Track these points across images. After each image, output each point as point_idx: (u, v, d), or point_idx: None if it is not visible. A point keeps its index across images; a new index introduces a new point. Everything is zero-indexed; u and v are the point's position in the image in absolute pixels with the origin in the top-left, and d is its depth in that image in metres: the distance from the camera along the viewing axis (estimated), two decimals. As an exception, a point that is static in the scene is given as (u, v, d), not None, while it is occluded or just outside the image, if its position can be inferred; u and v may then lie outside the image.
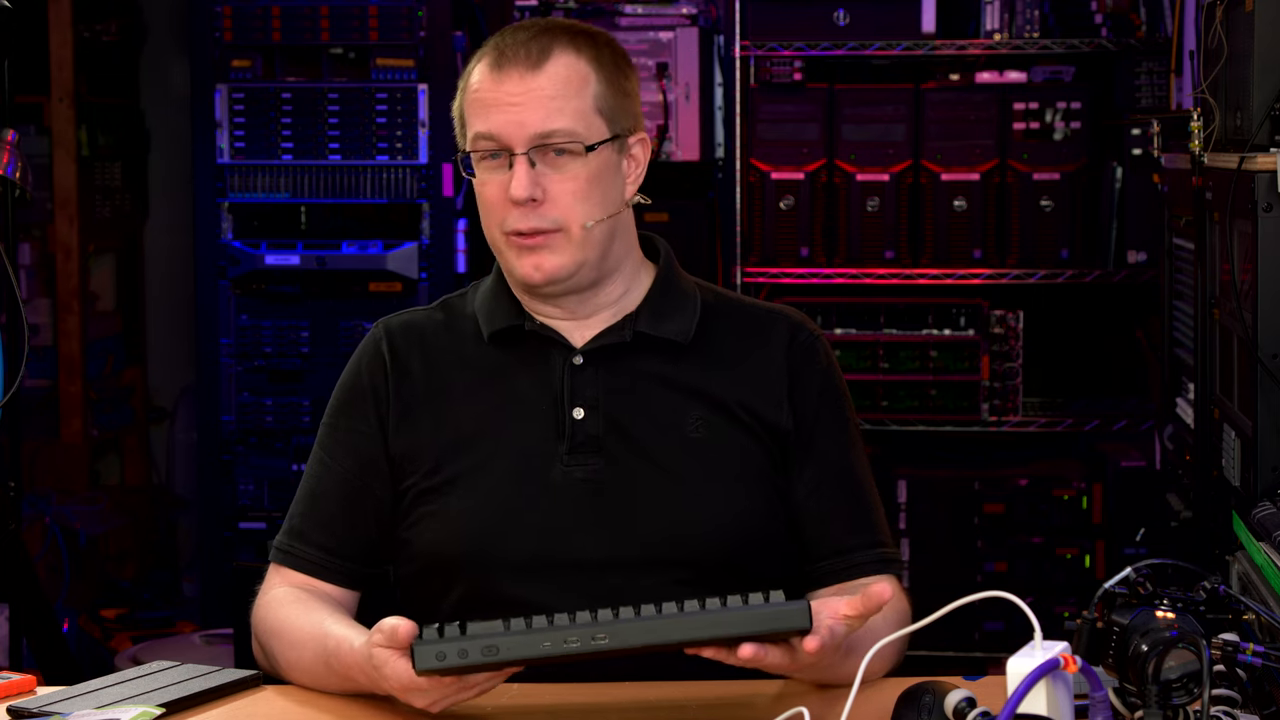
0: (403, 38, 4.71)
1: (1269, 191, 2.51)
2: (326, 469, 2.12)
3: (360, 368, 2.14)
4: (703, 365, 2.10)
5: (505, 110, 2.02)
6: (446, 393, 2.10)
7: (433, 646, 1.68)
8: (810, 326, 2.18)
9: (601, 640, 1.66)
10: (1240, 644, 1.60)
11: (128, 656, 4.51)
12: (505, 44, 2.06)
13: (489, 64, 2.05)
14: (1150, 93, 4.53)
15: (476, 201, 2.09)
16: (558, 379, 2.07)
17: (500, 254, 2.07)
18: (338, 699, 1.92)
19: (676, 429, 2.07)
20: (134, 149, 5.55)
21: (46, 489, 5.00)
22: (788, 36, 4.61)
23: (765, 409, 2.09)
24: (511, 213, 2.02)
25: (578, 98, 2.03)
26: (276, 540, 2.13)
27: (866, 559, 2.09)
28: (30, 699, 1.89)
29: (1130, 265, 4.53)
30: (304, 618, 1.99)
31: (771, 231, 4.63)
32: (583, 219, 2.03)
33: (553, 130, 2.01)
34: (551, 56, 2.04)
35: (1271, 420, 2.54)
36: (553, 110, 2.02)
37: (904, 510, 4.56)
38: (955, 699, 1.61)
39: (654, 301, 2.11)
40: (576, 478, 2.04)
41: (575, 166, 2.03)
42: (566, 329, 2.09)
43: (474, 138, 2.05)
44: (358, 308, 4.76)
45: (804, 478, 2.10)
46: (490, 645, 1.67)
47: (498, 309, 2.11)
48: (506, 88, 2.03)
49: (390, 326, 2.16)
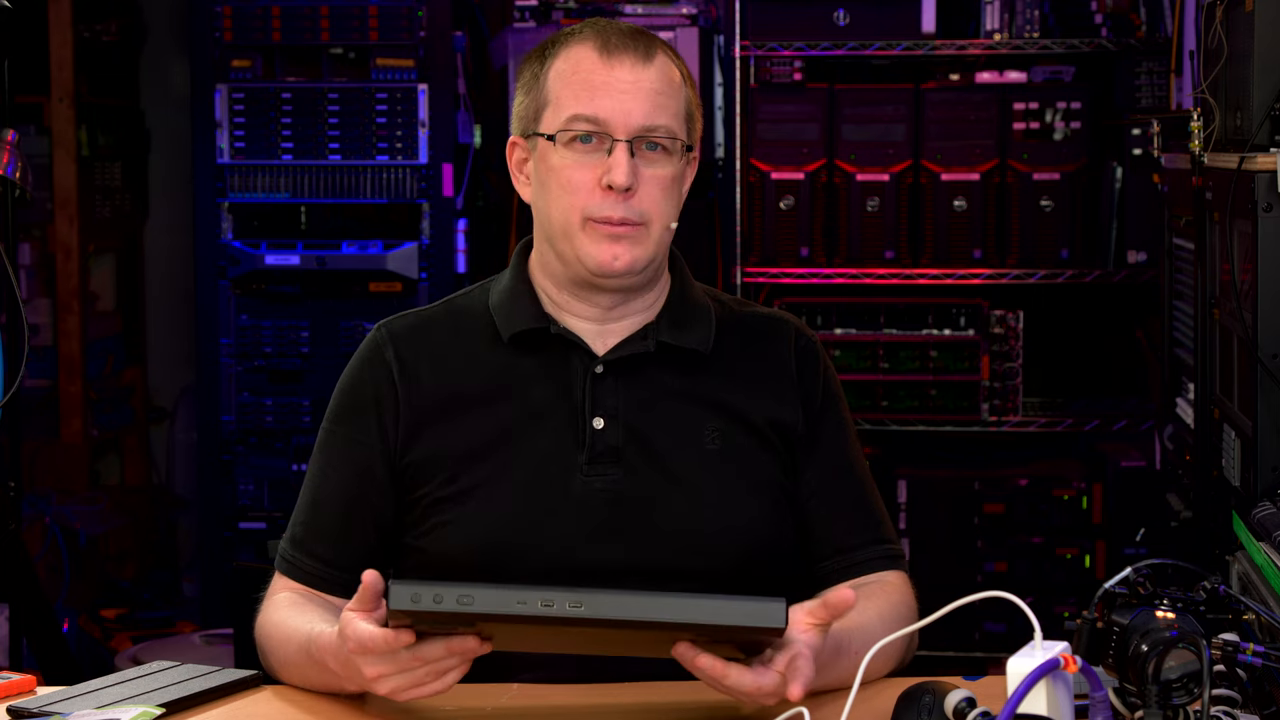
0: (403, 38, 4.72)
1: (1269, 191, 2.51)
2: (325, 476, 2.10)
3: (363, 374, 2.11)
4: (719, 376, 2.10)
5: (614, 95, 2.01)
6: (460, 398, 2.07)
7: (409, 587, 1.67)
8: (807, 331, 2.18)
9: (577, 608, 1.66)
10: (1240, 644, 1.60)
11: (128, 656, 4.51)
12: (608, 33, 2.04)
13: (596, 48, 2.03)
14: (1150, 93, 4.53)
15: (540, 187, 2.05)
16: (579, 388, 2.06)
17: (571, 239, 2.03)
18: (338, 700, 1.91)
19: (694, 440, 2.06)
20: (134, 149, 5.55)
21: (46, 489, 5.00)
22: (788, 36, 4.61)
23: (782, 414, 2.09)
24: (600, 199, 2.00)
25: (677, 99, 2.05)
26: (280, 547, 2.12)
27: (870, 556, 2.09)
28: (30, 699, 1.89)
29: (1130, 265, 4.53)
30: (296, 618, 1.98)
31: (771, 231, 4.63)
32: (667, 218, 2.03)
33: (657, 125, 2.01)
34: (657, 54, 2.04)
35: (1271, 420, 2.54)
36: (659, 105, 2.02)
37: (904, 510, 4.56)
38: (955, 699, 1.62)
39: (673, 311, 2.11)
40: (596, 488, 2.03)
41: (666, 165, 2.03)
42: (590, 335, 2.07)
43: (571, 118, 2.01)
44: (358, 308, 4.76)
45: (807, 478, 2.10)
46: (466, 595, 1.67)
47: (519, 310, 2.08)
48: (618, 73, 2.01)
49: (394, 330, 2.12)
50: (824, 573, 2.08)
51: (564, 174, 2.02)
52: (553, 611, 1.66)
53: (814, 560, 2.10)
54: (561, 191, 2.03)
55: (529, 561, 2.01)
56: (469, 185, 4.83)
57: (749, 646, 1.73)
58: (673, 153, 2.03)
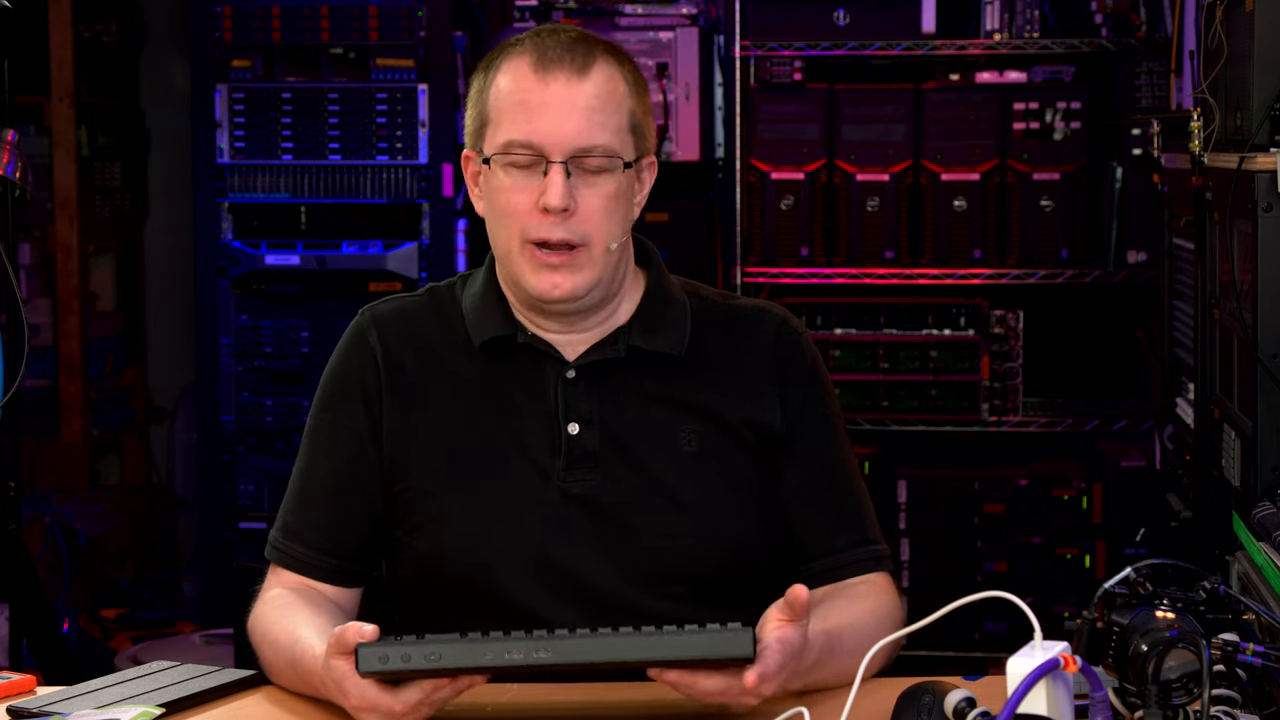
0: (403, 38, 4.71)
1: (1269, 191, 2.51)
2: (314, 464, 2.10)
3: (347, 359, 2.10)
4: (694, 377, 2.07)
5: (548, 117, 1.97)
6: (440, 393, 2.06)
7: (376, 649, 1.70)
8: (794, 323, 2.14)
9: (543, 655, 1.68)
10: (1240, 644, 1.60)
11: (128, 656, 4.51)
12: (545, 46, 2.00)
13: (531, 65, 1.99)
14: (1150, 93, 4.53)
15: (487, 206, 2.04)
16: (551, 393, 2.04)
17: (512, 264, 2.01)
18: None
19: (670, 443, 2.05)
20: (134, 149, 5.55)
21: (46, 489, 5.00)
22: (788, 36, 4.60)
23: (757, 414, 2.07)
24: (538, 221, 1.97)
25: (617, 113, 2.00)
26: (271, 537, 2.11)
27: (855, 558, 2.07)
28: (30, 699, 1.89)
29: (1130, 265, 4.53)
30: (284, 622, 1.96)
31: (771, 231, 4.63)
32: (608, 238, 1.99)
33: (594, 145, 1.97)
34: (595, 66, 1.99)
35: (1271, 420, 2.54)
36: (595, 123, 1.98)
37: (904, 510, 4.55)
38: (955, 699, 1.62)
39: (646, 313, 2.08)
40: (575, 494, 2.02)
41: (606, 183, 1.99)
42: (559, 342, 2.06)
43: (507, 143, 1.98)
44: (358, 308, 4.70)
45: (790, 477, 2.08)
46: (433, 652, 1.69)
47: (488, 318, 2.07)
48: (554, 90, 1.97)
49: (378, 315, 2.12)
50: (807, 574, 2.05)
51: (503, 196, 1.99)
52: (520, 661, 1.68)
53: (798, 561, 2.08)
54: (502, 215, 2.00)
55: (511, 564, 2.00)
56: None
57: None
58: (611, 171, 1.99)
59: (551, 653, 1.68)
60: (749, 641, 1.68)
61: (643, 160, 2.06)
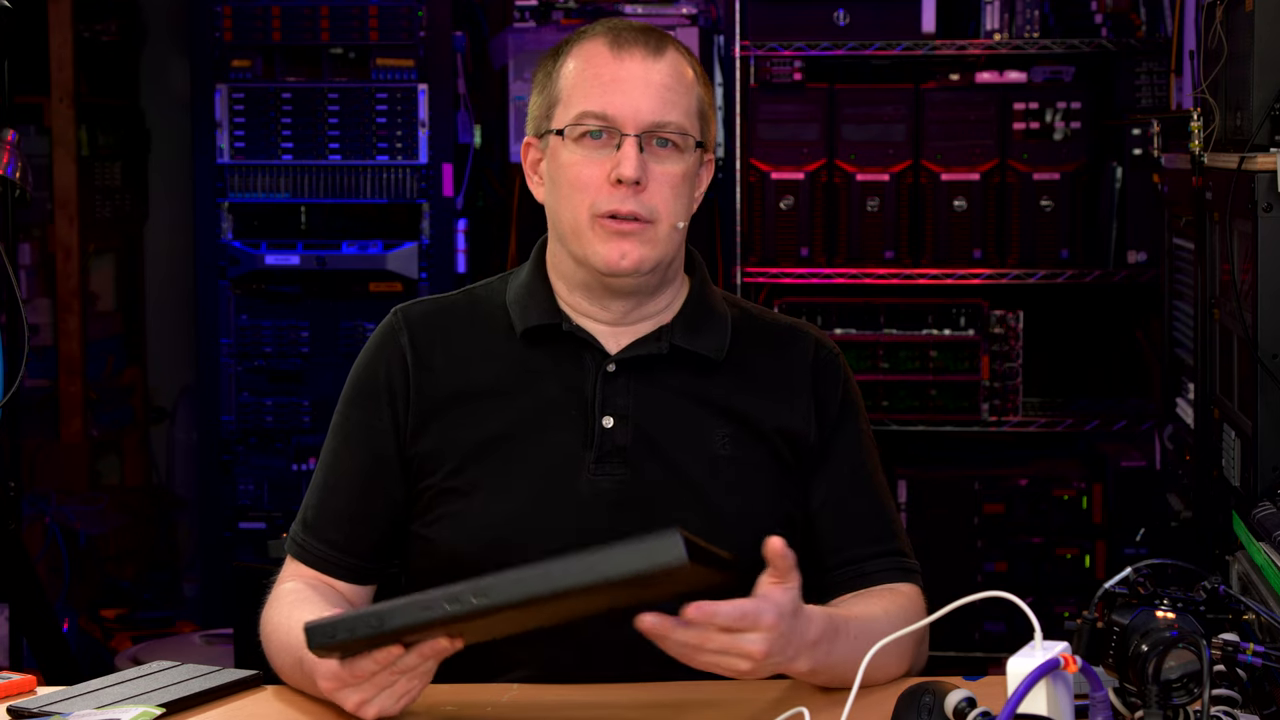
0: (403, 38, 4.72)
1: (1269, 191, 2.51)
2: (339, 459, 2.10)
3: (377, 359, 2.10)
4: (732, 382, 2.09)
5: (624, 91, 2.00)
6: (471, 389, 2.06)
7: (323, 625, 1.69)
8: (828, 341, 2.18)
9: (480, 599, 1.64)
10: (1240, 644, 1.60)
11: (128, 656, 4.51)
12: (618, 29, 2.04)
13: (607, 44, 2.03)
14: (1150, 93, 4.53)
15: (551, 185, 2.05)
16: (590, 385, 2.05)
17: (580, 238, 2.02)
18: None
19: (703, 444, 2.05)
20: (134, 149, 5.55)
21: (46, 489, 5.00)
22: (788, 36, 4.61)
23: (792, 423, 2.08)
24: (609, 194, 2.00)
25: (688, 95, 2.04)
26: (291, 529, 2.11)
27: (881, 566, 2.08)
28: (30, 699, 1.89)
29: (1130, 265, 4.53)
30: (291, 619, 1.96)
31: (771, 231, 4.63)
32: (675, 216, 2.03)
33: (667, 120, 2.01)
34: (668, 50, 2.04)
35: (1271, 420, 2.54)
36: (669, 101, 2.01)
37: (904, 510, 4.55)
38: (955, 699, 1.62)
39: (689, 315, 2.10)
40: (603, 488, 2.02)
41: (677, 162, 2.02)
42: (603, 334, 2.07)
43: (581, 115, 2.01)
44: (358, 308, 4.76)
45: (819, 489, 2.09)
46: (375, 617, 1.68)
47: (534, 305, 2.08)
48: (629, 67, 2.01)
49: (410, 316, 2.12)
50: (833, 582, 2.06)
51: (573, 170, 2.01)
52: (460, 609, 1.65)
53: (825, 569, 2.08)
54: (571, 189, 2.02)
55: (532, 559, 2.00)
56: (469, 185, 4.84)
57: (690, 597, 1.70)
58: (683, 149, 2.03)
59: (488, 596, 1.65)
60: (678, 545, 1.60)
61: (705, 152, 2.09)
